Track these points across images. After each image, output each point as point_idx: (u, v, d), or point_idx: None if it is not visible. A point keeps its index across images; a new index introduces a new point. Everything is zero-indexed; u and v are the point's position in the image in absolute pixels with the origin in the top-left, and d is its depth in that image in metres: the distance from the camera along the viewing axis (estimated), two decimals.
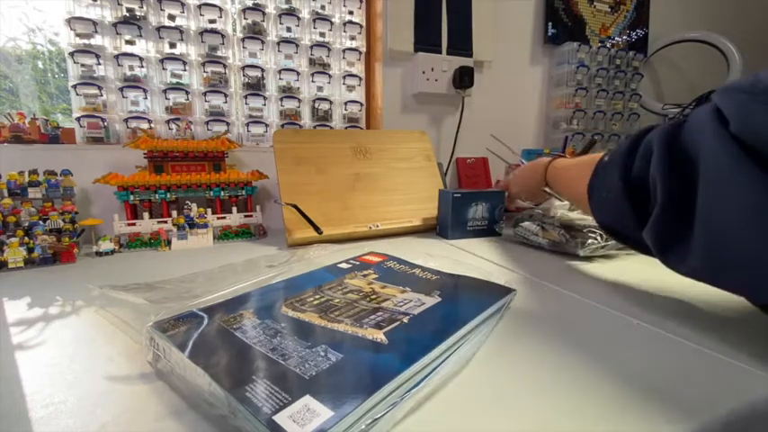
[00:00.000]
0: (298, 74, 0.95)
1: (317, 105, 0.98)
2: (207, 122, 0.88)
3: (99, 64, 0.79)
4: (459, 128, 1.09)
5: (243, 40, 0.90)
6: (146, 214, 0.73)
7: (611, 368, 0.30)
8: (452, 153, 1.09)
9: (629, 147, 0.35)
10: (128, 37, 0.81)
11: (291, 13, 0.93)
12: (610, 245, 0.58)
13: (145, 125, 0.84)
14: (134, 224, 0.70)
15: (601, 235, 0.58)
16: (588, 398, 0.26)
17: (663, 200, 0.29)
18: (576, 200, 0.52)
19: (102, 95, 0.80)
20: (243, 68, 0.91)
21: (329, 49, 0.98)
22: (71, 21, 0.76)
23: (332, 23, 0.97)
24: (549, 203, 0.73)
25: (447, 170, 1.07)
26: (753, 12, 1.55)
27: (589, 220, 0.64)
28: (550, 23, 1.19)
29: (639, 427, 0.24)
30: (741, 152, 0.23)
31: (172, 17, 0.84)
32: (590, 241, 0.57)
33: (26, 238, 0.59)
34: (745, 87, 0.24)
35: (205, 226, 0.71)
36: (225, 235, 0.75)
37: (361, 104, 1.03)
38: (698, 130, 0.27)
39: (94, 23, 0.78)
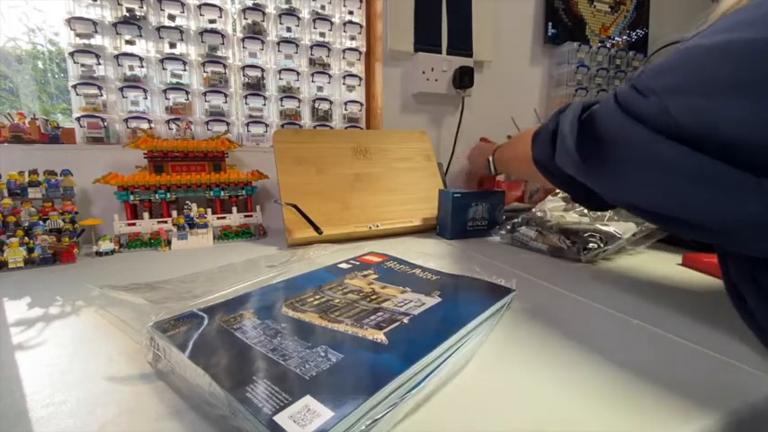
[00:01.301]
0: (298, 74, 0.95)
1: (316, 105, 0.98)
2: (207, 122, 0.88)
3: (99, 64, 0.79)
4: (459, 128, 1.09)
5: (243, 40, 0.90)
6: (146, 214, 0.73)
7: (610, 368, 0.30)
8: (452, 153, 1.09)
9: (563, 107, 0.44)
10: (128, 37, 0.81)
11: (291, 13, 0.93)
12: (610, 248, 0.58)
13: (145, 125, 0.83)
14: (134, 224, 0.70)
15: (601, 239, 0.58)
16: (588, 398, 0.26)
17: (572, 144, 0.38)
18: (517, 157, 0.63)
19: (102, 95, 0.80)
20: (243, 68, 0.91)
21: (329, 49, 0.98)
22: (71, 21, 0.76)
23: (332, 23, 0.97)
24: (543, 204, 0.73)
25: (447, 170, 1.07)
26: None
27: (585, 223, 0.64)
28: (550, 23, 1.19)
29: (639, 428, 0.24)
30: (626, 117, 0.33)
31: (172, 17, 0.84)
32: (590, 246, 0.57)
33: (26, 238, 0.59)
34: (631, 78, 0.34)
35: (205, 226, 0.71)
36: (225, 235, 0.75)
37: (361, 104, 1.03)
38: (602, 102, 0.37)
39: (94, 23, 0.78)
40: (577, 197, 0.47)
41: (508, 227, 0.70)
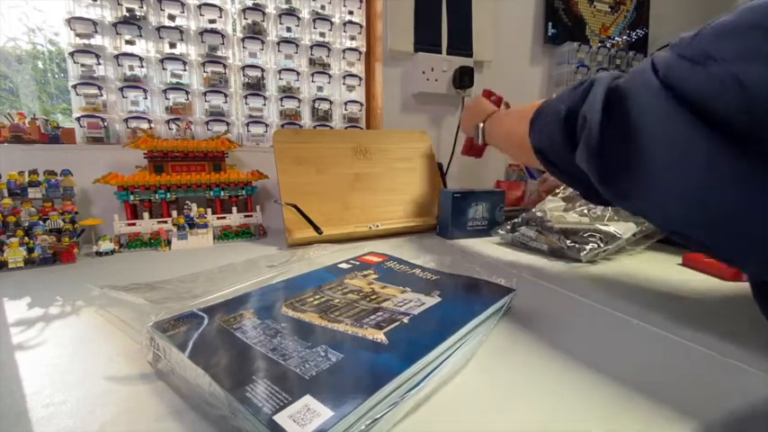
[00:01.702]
0: (298, 74, 0.95)
1: (316, 105, 0.98)
2: (207, 122, 0.88)
3: (99, 64, 0.79)
4: (459, 128, 1.08)
5: (243, 40, 0.90)
6: (146, 214, 0.73)
7: (610, 368, 0.30)
8: (452, 153, 1.09)
9: (575, 84, 0.37)
10: (128, 37, 0.81)
11: (291, 13, 0.93)
12: (610, 248, 0.58)
13: (145, 125, 0.84)
14: (134, 224, 0.70)
15: (601, 239, 0.58)
16: (588, 398, 0.26)
17: (597, 137, 0.31)
18: (510, 137, 0.55)
19: (102, 95, 0.80)
20: (243, 68, 0.91)
21: (329, 49, 0.98)
22: (71, 21, 0.76)
23: (332, 23, 0.97)
24: (543, 204, 0.73)
25: (447, 170, 1.07)
26: None
27: (585, 223, 0.64)
28: (550, 23, 1.19)
29: (639, 428, 0.24)
30: (669, 98, 0.26)
31: (172, 17, 0.84)
32: (590, 246, 0.57)
33: (26, 238, 0.59)
34: (675, 43, 0.28)
35: (205, 226, 0.71)
36: (225, 235, 0.75)
37: (361, 104, 1.03)
38: (634, 76, 0.30)
39: (94, 23, 0.78)
40: (588, 195, 0.40)
41: (508, 227, 0.70)
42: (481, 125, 0.64)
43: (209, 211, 0.73)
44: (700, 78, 0.24)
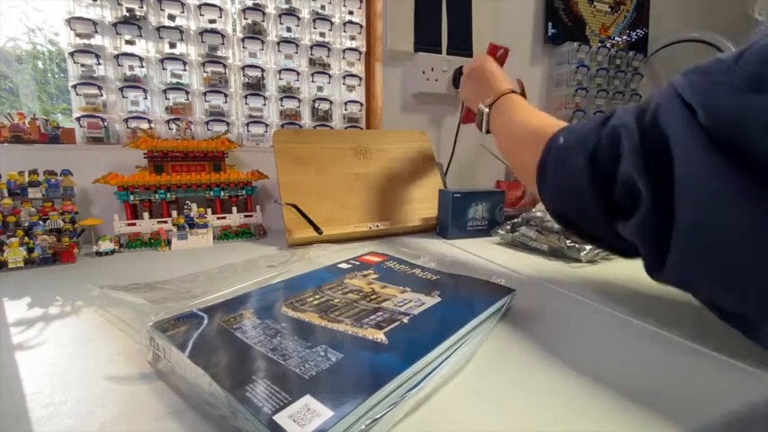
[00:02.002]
0: (298, 74, 0.95)
1: (316, 105, 0.98)
2: (207, 122, 0.88)
3: (99, 64, 0.79)
4: (458, 128, 1.08)
5: (243, 40, 0.90)
6: (146, 214, 0.73)
7: (610, 368, 0.30)
8: (452, 153, 1.09)
9: (593, 130, 0.33)
10: (128, 37, 0.81)
11: (291, 13, 0.93)
12: None
13: (145, 125, 0.83)
14: (134, 224, 0.70)
15: None
16: (588, 398, 0.26)
17: (649, 204, 0.27)
18: (510, 157, 0.47)
19: (102, 95, 0.80)
20: (243, 68, 0.91)
21: (329, 49, 0.98)
22: (71, 21, 0.76)
23: (332, 23, 0.97)
24: (542, 205, 0.72)
25: (447, 170, 1.07)
26: (752, 11, 1.54)
27: None
28: (550, 23, 1.19)
29: (639, 428, 0.24)
30: (709, 143, 0.23)
31: (172, 17, 0.84)
32: (590, 246, 0.57)
33: (26, 238, 0.59)
34: (706, 69, 0.25)
35: (205, 226, 0.71)
36: (225, 235, 0.75)
37: (361, 104, 1.03)
38: (668, 122, 0.26)
39: (94, 23, 0.78)
40: (618, 252, 0.36)
41: (508, 227, 0.70)
42: (486, 111, 0.53)
43: (209, 211, 0.73)
44: (750, 106, 0.21)
